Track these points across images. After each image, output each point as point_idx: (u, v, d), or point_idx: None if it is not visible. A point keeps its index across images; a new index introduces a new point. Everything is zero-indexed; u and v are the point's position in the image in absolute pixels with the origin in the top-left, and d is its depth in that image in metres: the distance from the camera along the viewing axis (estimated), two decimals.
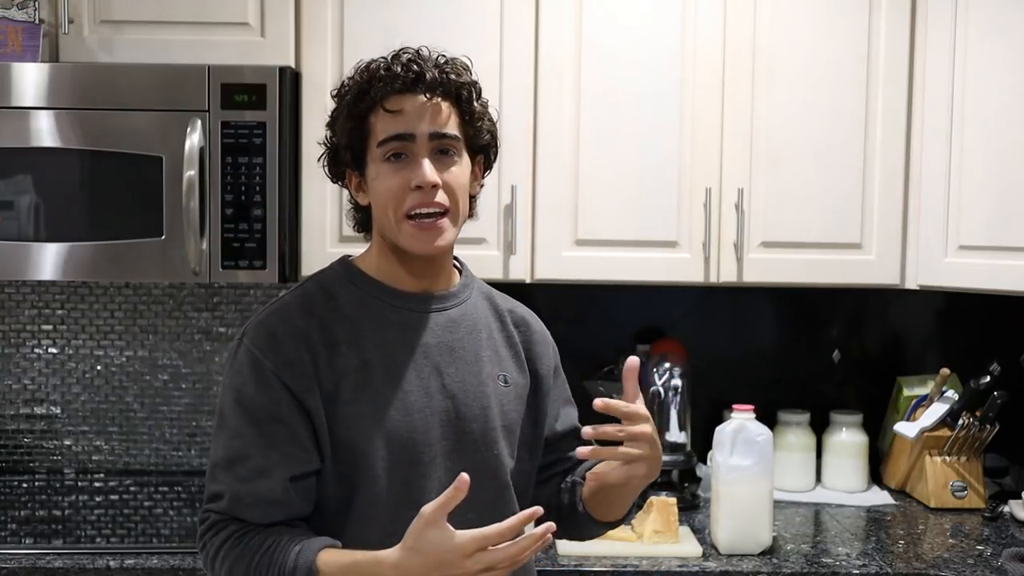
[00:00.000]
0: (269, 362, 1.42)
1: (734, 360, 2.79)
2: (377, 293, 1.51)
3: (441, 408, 1.47)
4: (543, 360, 1.62)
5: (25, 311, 2.72)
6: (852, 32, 2.43)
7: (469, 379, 1.50)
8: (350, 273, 1.53)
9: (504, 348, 1.57)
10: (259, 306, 2.74)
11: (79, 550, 2.11)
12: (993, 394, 2.47)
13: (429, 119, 1.44)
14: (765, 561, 2.14)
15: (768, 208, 2.43)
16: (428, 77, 1.43)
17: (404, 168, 1.44)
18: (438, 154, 1.45)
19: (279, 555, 1.36)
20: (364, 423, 1.43)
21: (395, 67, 1.44)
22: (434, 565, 1.28)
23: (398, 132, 1.43)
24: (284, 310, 1.48)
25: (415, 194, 1.43)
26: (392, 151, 1.44)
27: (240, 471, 1.41)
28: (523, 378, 1.58)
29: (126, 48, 2.35)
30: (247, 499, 1.40)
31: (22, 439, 2.73)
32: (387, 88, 1.43)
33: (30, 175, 2.28)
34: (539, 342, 1.62)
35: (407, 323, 1.50)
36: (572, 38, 2.40)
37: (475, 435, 1.49)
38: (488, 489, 1.49)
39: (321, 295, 1.50)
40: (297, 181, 2.39)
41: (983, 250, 2.36)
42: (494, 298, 1.62)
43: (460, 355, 1.51)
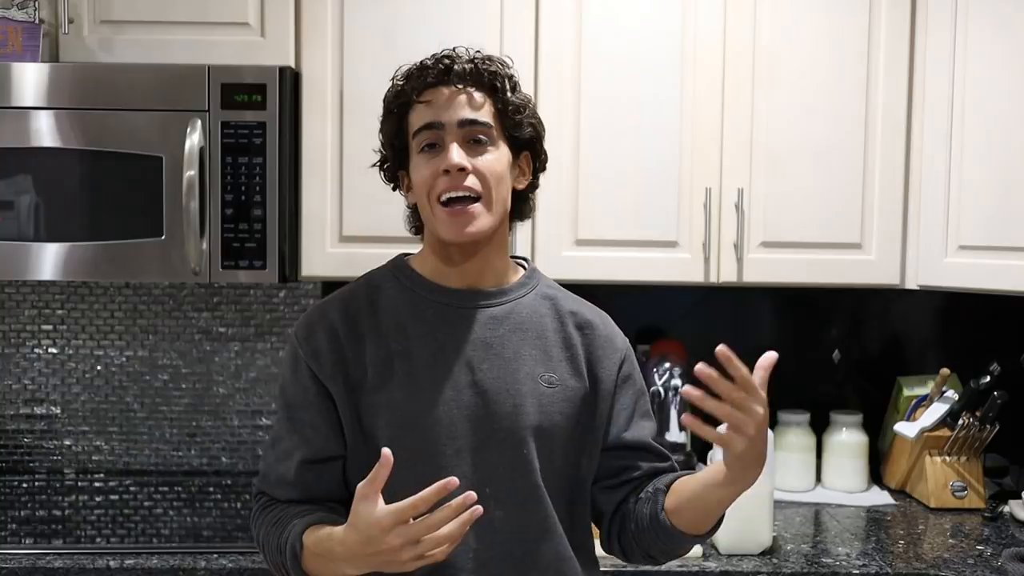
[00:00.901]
0: (303, 351, 1.50)
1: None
2: (418, 287, 1.53)
3: (469, 403, 1.47)
4: (604, 364, 1.58)
5: (25, 311, 2.73)
6: (852, 32, 2.43)
7: (503, 376, 1.49)
8: (398, 268, 1.58)
9: (558, 349, 1.55)
10: (259, 306, 2.75)
11: (79, 550, 2.11)
12: (993, 394, 2.47)
13: (458, 107, 1.46)
14: (765, 561, 2.14)
15: (768, 208, 2.43)
16: (457, 68, 1.47)
17: (436, 156, 1.47)
18: (471, 143, 1.47)
19: (279, 529, 1.44)
20: (384, 412, 1.46)
21: (427, 62, 1.49)
22: (364, 540, 1.30)
23: (427, 121, 1.47)
24: (327, 303, 1.55)
25: (444, 178, 1.45)
26: (425, 141, 1.48)
27: (276, 451, 1.52)
28: (577, 381, 1.54)
29: (126, 48, 2.35)
30: (271, 477, 1.51)
31: (22, 439, 2.73)
32: (419, 82, 1.48)
33: (30, 175, 2.28)
34: (602, 346, 1.58)
35: (443, 317, 1.51)
36: (572, 39, 2.40)
37: (503, 433, 1.48)
38: (517, 488, 1.48)
39: (366, 288, 1.55)
40: (297, 181, 2.39)
41: (983, 250, 2.36)
42: (558, 300, 1.60)
43: (497, 352, 1.51)
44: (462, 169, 1.45)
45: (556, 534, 1.51)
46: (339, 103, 2.39)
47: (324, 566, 1.38)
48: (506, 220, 1.55)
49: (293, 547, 1.39)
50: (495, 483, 1.46)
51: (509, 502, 1.47)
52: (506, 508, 1.46)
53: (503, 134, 1.50)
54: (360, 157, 2.39)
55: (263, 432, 2.74)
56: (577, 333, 1.58)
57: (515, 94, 1.51)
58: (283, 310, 2.74)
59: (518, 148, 1.53)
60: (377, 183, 2.37)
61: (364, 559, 1.32)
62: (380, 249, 2.39)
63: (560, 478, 1.53)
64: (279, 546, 1.42)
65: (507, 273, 1.58)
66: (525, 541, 1.49)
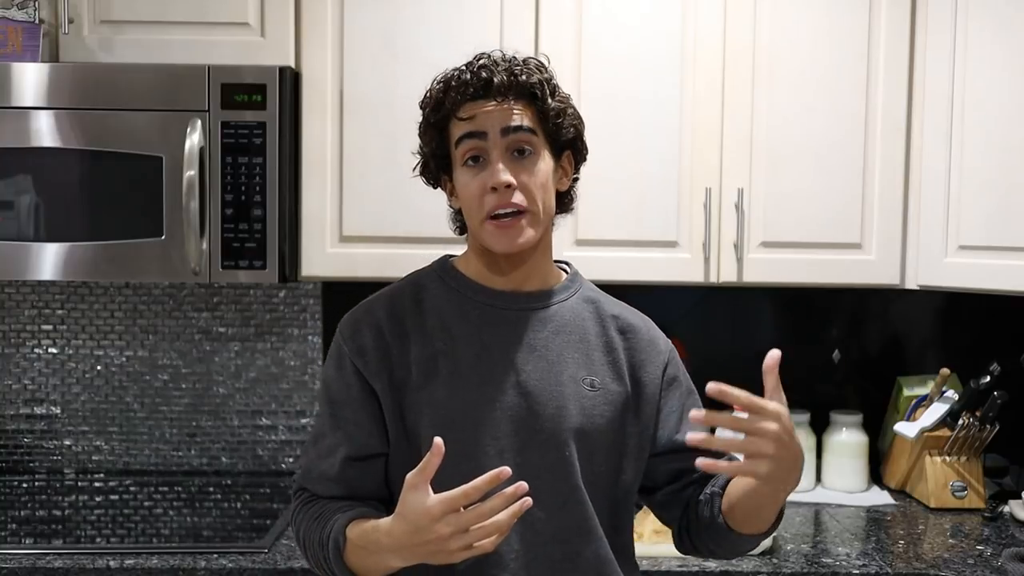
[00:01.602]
0: (347, 348, 1.51)
1: (734, 360, 2.78)
2: (463, 288, 1.54)
3: (513, 404, 1.47)
4: (647, 368, 1.57)
5: (25, 311, 2.73)
6: (852, 32, 2.43)
7: (547, 378, 1.49)
8: (443, 269, 1.58)
9: (599, 353, 1.55)
10: (259, 306, 2.75)
11: (79, 550, 2.11)
12: (993, 394, 2.47)
13: (500, 118, 1.46)
14: (765, 561, 2.14)
15: (768, 208, 2.43)
16: (496, 81, 1.45)
17: (481, 170, 1.47)
18: (515, 154, 1.47)
19: (321, 524, 1.44)
20: (427, 410, 1.46)
21: (465, 75, 1.47)
22: (412, 530, 1.29)
23: (470, 131, 1.46)
24: (373, 301, 1.56)
25: (492, 196, 1.45)
26: (469, 153, 1.47)
27: (318, 448, 1.52)
28: (619, 385, 1.54)
29: (126, 48, 2.35)
30: (313, 473, 1.52)
31: (22, 439, 2.73)
32: (459, 97, 1.47)
33: (30, 175, 2.28)
34: (644, 350, 1.58)
35: (487, 319, 1.51)
36: (572, 39, 2.40)
37: (546, 434, 1.48)
38: (558, 490, 1.48)
39: (411, 288, 1.56)
40: (297, 181, 2.39)
41: (983, 250, 2.36)
42: (600, 303, 1.60)
43: (541, 354, 1.51)
44: (509, 186, 1.45)
45: (597, 536, 1.51)
46: (339, 103, 2.39)
47: (368, 559, 1.38)
48: (551, 225, 1.56)
49: (336, 540, 1.39)
50: (536, 484, 1.44)
51: (550, 503, 1.46)
52: (547, 509, 1.46)
53: (545, 140, 1.50)
54: (360, 157, 2.39)
55: (263, 432, 2.74)
56: (619, 337, 1.58)
57: (555, 98, 1.50)
58: (283, 310, 2.74)
59: (560, 150, 1.54)
60: (377, 183, 2.39)
61: (411, 549, 1.31)
62: (380, 249, 2.41)
63: (602, 481, 1.53)
64: (321, 540, 1.42)
65: (550, 276, 1.59)
66: (566, 543, 1.49)
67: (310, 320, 2.74)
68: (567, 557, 1.48)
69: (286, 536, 2.21)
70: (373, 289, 1.55)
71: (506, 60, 1.49)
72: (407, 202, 2.37)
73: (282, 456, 2.74)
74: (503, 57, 1.50)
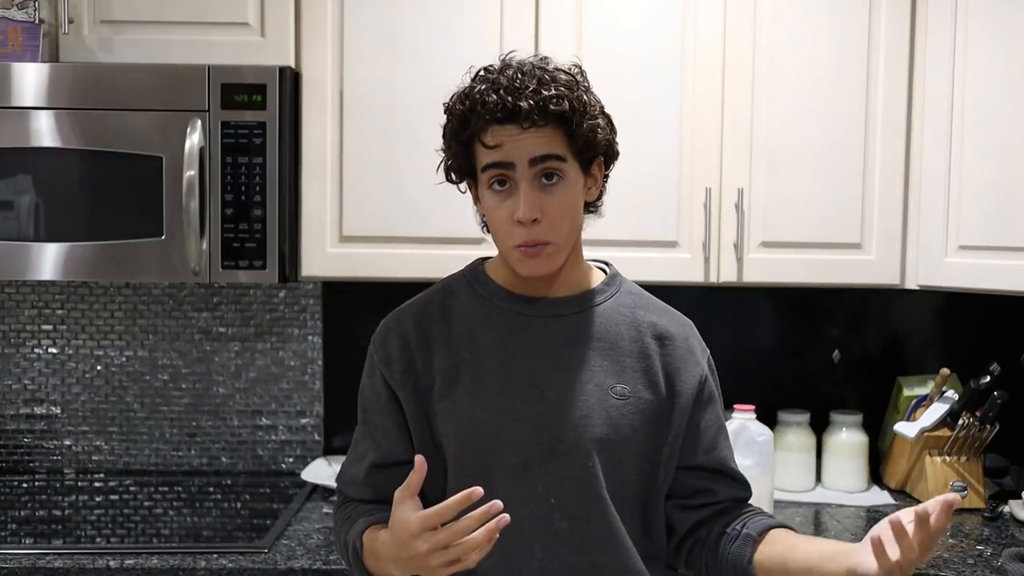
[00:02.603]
0: (377, 357, 1.54)
1: (734, 360, 2.78)
2: (490, 295, 1.53)
3: (536, 413, 1.46)
4: (683, 378, 1.53)
5: (25, 311, 2.73)
6: (852, 32, 2.42)
7: (571, 388, 1.47)
8: (474, 274, 1.57)
9: (632, 360, 1.51)
10: (259, 306, 2.75)
11: (79, 550, 2.11)
12: (993, 394, 2.47)
13: (528, 147, 1.40)
14: None
15: (768, 208, 2.43)
16: (524, 108, 1.38)
17: (507, 198, 1.43)
18: (542, 180, 1.42)
19: (347, 526, 1.50)
20: (451, 420, 1.47)
21: (490, 98, 1.39)
22: (398, 544, 1.31)
23: (497, 160, 1.42)
24: (403, 310, 1.57)
25: (520, 230, 1.42)
26: (496, 178, 1.44)
27: (353, 453, 1.58)
28: (652, 394, 1.50)
29: (126, 48, 2.35)
30: (347, 477, 1.58)
31: (22, 439, 2.73)
32: (484, 121, 1.40)
33: (30, 175, 2.29)
34: (681, 359, 1.54)
35: (514, 326, 1.49)
36: (572, 39, 2.39)
37: (569, 444, 1.46)
38: (582, 500, 1.46)
39: (442, 294, 1.56)
40: (297, 181, 2.39)
41: (983, 250, 2.36)
42: (638, 308, 1.57)
43: (566, 362, 1.49)
44: (534, 220, 1.42)
45: (623, 547, 1.48)
46: (339, 103, 2.39)
47: (376, 566, 1.43)
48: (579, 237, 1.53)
49: (354, 544, 1.45)
50: (560, 494, 1.45)
51: (574, 514, 1.45)
52: (571, 520, 1.45)
53: (575, 160, 1.45)
54: (360, 157, 2.39)
55: (263, 432, 2.74)
56: (655, 343, 1.54)
57: (586, 119, 1.44)
58: (283, 310, 2.74)
59: (590, 163, 1.49)
60: (377, 183, 2.39)
61: (401, 562, 1.33)
62: (380, 249, 2.41)
63: (631, 491, 1.50)
64: (345, 542, 1.48)
65: (584, 280, 1.55)
66: (590, 553, 1.47)
67: (310, 320, 2.74)
68: (592, 567, 1.46)
69: (286, 536, 2.21)
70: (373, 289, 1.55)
71: (535, 75, 1.41)
72: (407, 202, 2.37)
73: (282, 456, 2.73)
74: (533, 67, 1.43)
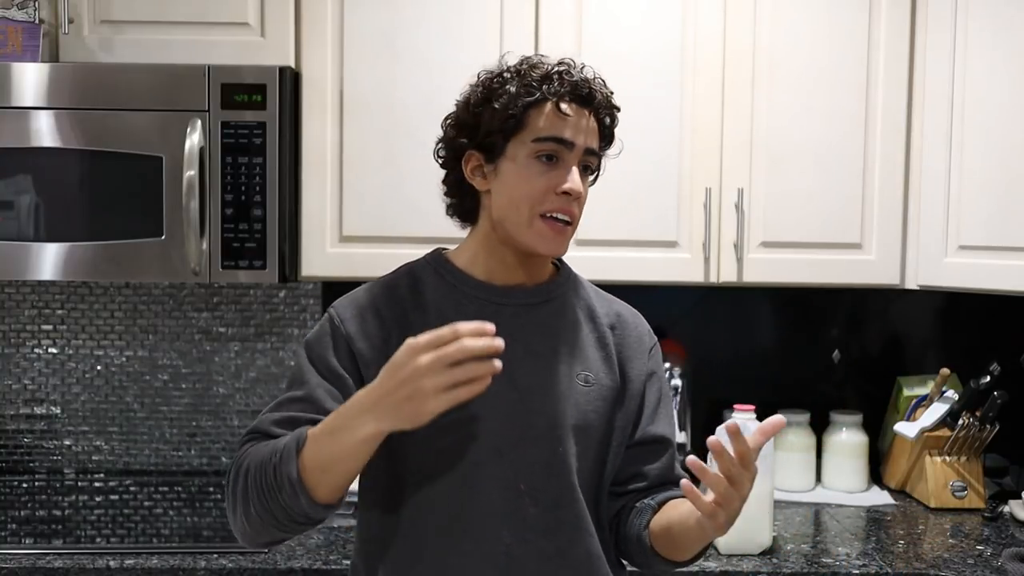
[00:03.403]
0: (344, 329, 1.48)
1: (734, 360, 2.79)
2: (459, 283, 1.53)
3: (509, 400, 1.47)
4: (634, 364, 1.59)
5: (25, 311, 2.73)
6: (852, 32, 2.43)
7: (542, 375, 1.50)
8: (438, 262, 1.56)
9: (593, 348, 1.56)
10: (259, 306, 2.75)
11: (79, 550, 2.11)
12: (993, 394, 2.47)
13: (589, 134, 1.50)
14: (765, 561, 2.14)
15: (768, 208, 2.43)
16: (599, 98, 1.50)
17: (551, 171, 1.47)
18: (581, 168, 1.50)
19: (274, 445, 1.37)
20: None
21: (572, 75, 1.49)
22: (392, 370, 1.27)
23: (563, 136, 1.47)
24: (372, 288, 1.54)
25: (559, 198, 1.47)
26: (548, 152, 1.47)
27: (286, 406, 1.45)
28: (611, 380, 1.56)
29: (126, 48, 2.35)
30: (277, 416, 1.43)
31: (22, 439, 2.73)
32: (563, 92, 1.47)
33: (30, 175, 2.28)
34: (632, 345, 1.60)
35: (484, 314, 1.48)
36: (572, 39, 2.39)
37: (540, 431, 1.48)
38: (552, 486, 1.48)
39: (408, 279, 1.54)
40: (297, 181, 2.39)
41: (983, 250, 2.36)
42: (591, 297, 1.62)
43: (536, 351, 1.51)
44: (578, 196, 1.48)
45: (589, 533, 1.52)
46: (339, 103, 2.39)
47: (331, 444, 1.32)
48: None
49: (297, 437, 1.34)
50: (531, 481, 1.47)
51: (544, 500, 1.47)
52: (540, 505, 1.47)
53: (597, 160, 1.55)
54: (360, 157, 2.40)
55: None
56: (610, 332, 1.59)
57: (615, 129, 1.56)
58: (283, 310, 2.75)
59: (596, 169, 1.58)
60: (377, 183, 2.39)
61: (387, 399, 1.27)
62: (380, 249, 2.41)
63: (592, 477, 1.54)
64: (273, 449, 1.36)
65: (545, 271, 1.59)
66: (558, 538, 1.49)
67: (310, 320, 2.74)
68: (559, 552, 1.49)
69: None
70: None
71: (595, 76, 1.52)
72: (407, 202, 2.37)
73: None
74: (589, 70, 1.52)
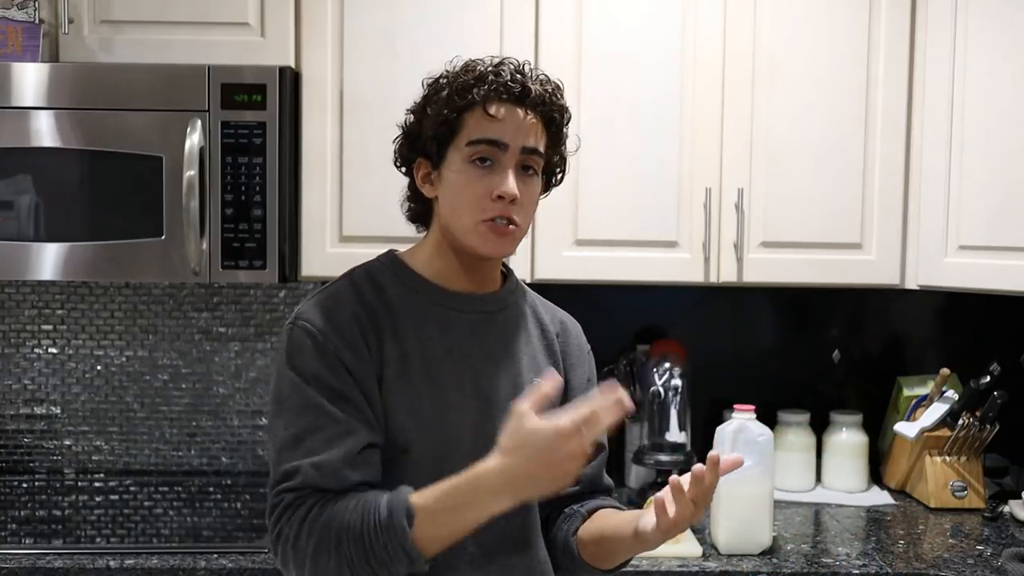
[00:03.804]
0: (331, 344, 1.42)
1: (734, 360, 2.79)
2: (421, 289, 1.52)
3: (474, 408, 1.47)
4: (576, 371, 1.61)
5: (25, 311, 2.73)
6: (852, 32, 2.43)
7: (505, 382, 1.50)
8: (396, 267, 1.54)
9: (543, 356, 1.57)
10: (259, 306, 2.74)
11: (79, 550, 2.11)
12: (993, 394, 2.47)
13: (524, 133, 1.46)
14: (765, 561, 2.14)
15: (768, 208, 2.43)
16: (533, 92, 1.45)
17: (488, 175, 1.45)
18: (521, 169, 1.47)
19: (370, 507, 1.32)
20: (401, 415, 1.44)
21: (503, 74, 1.46)
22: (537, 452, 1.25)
23: (494, 138, 1.44)
24: (337, 295, 1.48)
25: (496, 204, 1.44)
26: (481, 154, 1.45)
27: (310, 444, 1.38)
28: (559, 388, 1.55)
29: (126, 48, 2.35)
30: (324, 467, 1.36)
31: (22, 439, 2.73)
32: (493, 92, 1.45)
33: (30, 175, 2.28)
34: (574, 353, 1.62)
35: (448, 322, 1.50)
36: (572, 39, 2.40)
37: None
38: None
39: (369, 283, 1.51)
40: (297, 181, 2.39)
41: (983, 250, 2.36)
42: (536, 305, 1.62)
43: (498, 358, 1.51)
44: (514, 200, 1.45)
45: (541, 539, 1.55)
46: (339, 103, 2.39)
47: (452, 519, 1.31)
48: None
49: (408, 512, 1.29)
50: None
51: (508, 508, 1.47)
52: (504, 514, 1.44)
53: (545, 163, 1.51)
54: (360, 157, 2.39)
55: (263, 432, 2.73)
56: (556, 339, 1.60)
57: (566, 126, 1.52)
58: (283, 310, 2.74)
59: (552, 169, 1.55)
60: (377, 183, 2.39)
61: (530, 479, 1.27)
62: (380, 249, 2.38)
63: None
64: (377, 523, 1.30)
65: (497, 277, 1.59)
66: (519, 547, 1.51)
67: None
68: (520, 561, 1.51)
69: None
70: None
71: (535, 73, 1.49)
72: None
73: None
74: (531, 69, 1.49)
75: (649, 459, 2.47)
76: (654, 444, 2.48)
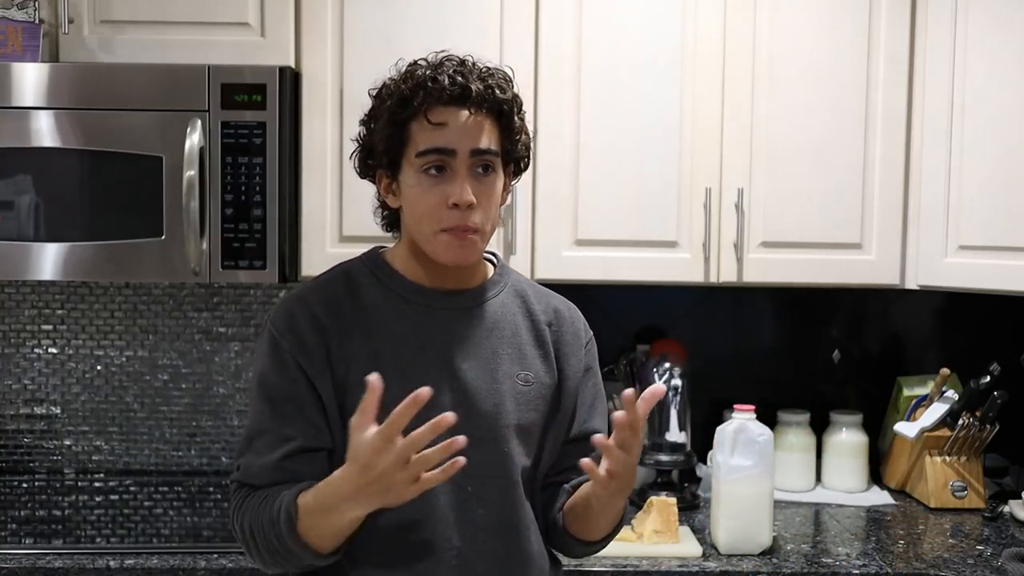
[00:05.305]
0: (286, 343, 1.47)
1: (734, 360, 2.79)
2: (396, 286, 1.53)
3: (450, 403, 1.47)
4: (571, 360, 1.60)
5: (25, 311, 2.72)
6: (852, 32, 2.43)
7: (482, 376, 1.50)
8: (375, 264, 1.56)
9: (531, 347, 1.56)
10: (259, 306, 2.74)
11: (79, 550, 2.11)
12: (993, 394, 2.47)
13: (471, 135, 1.44)
14: (765, 561, 2.14)
15: (768, 208, 2.43)
16: (474, 91, 1.43)
17: (442, 183, 1.44)
18: (476, 171, 1.46)
19: (271, 504, 1.41)
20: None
21: (441, 78, 1.43)
22: (360, 469, 1.30)
23: (440, 146, 1.44)
24: (305, 295, 1.52)
25: (452, 213, 1.44)
26: (431, 164, 1.45)
27: (256, 445, 1.47)
28: (550, 378, 1.56)
29: (126, 48, 2.35)
30: (254, 468, 1.46)
31: (22, 439, 2.73)
32: (432, 99, 1.43)
33: (30, 175, 2.28)
34: (569, 342, 1.60)
35: (422, 318, 1.51)
36: (572, 39, 2.40)
37: (484, 432, 1.48)
38: (498, 487, 1.50)
39: (344, 282, 1.53)
40: (297, 181, 2.39)
41: (983, 250, 2.36)
42: (528, 295, 1.61)
43: (475, 352, 1.51)
44: (470, 206, 1.44)
45: (534, 531, 1.55)
46: (339, 103, 2.39)
47: (324, 519, 1.37)
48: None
49: (288, 511, 1.37)
50: (477, 482, 1.47)
51: (490, 500, 1.49)
52: (487, 506, 1.48)
53: (503, 157, 1.50)
54: None
55: None
56: (547, 329, 1.59)
57: (518, 116, 1.50)
58: None
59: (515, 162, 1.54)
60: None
61: (366, 491, 1.30)
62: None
63: (532, 474, 1.56)
64: (272, 518, 1.40)
65: (482, 272, 1.59)
66: (507, 539, 1.51)
67: None
68: (510, 552, 1.51)
69: None
70: None
71: (476, 68, 1.46)
72: None
73: None
74: (473, 61, 1.48)
75: (649, 459, 2.47)
76: (654, 444, 2.48)
